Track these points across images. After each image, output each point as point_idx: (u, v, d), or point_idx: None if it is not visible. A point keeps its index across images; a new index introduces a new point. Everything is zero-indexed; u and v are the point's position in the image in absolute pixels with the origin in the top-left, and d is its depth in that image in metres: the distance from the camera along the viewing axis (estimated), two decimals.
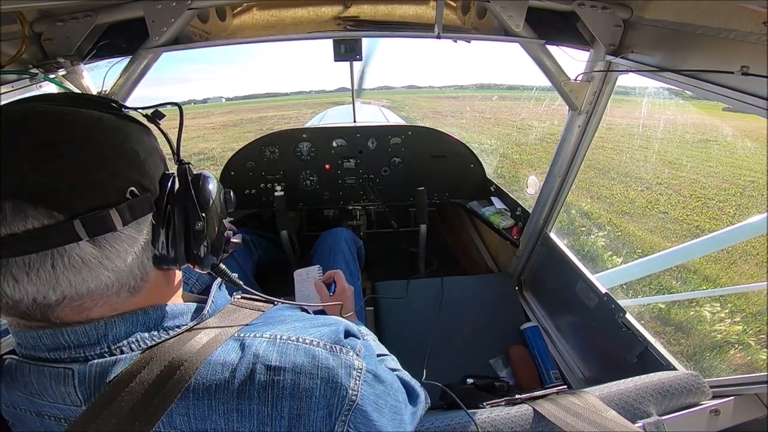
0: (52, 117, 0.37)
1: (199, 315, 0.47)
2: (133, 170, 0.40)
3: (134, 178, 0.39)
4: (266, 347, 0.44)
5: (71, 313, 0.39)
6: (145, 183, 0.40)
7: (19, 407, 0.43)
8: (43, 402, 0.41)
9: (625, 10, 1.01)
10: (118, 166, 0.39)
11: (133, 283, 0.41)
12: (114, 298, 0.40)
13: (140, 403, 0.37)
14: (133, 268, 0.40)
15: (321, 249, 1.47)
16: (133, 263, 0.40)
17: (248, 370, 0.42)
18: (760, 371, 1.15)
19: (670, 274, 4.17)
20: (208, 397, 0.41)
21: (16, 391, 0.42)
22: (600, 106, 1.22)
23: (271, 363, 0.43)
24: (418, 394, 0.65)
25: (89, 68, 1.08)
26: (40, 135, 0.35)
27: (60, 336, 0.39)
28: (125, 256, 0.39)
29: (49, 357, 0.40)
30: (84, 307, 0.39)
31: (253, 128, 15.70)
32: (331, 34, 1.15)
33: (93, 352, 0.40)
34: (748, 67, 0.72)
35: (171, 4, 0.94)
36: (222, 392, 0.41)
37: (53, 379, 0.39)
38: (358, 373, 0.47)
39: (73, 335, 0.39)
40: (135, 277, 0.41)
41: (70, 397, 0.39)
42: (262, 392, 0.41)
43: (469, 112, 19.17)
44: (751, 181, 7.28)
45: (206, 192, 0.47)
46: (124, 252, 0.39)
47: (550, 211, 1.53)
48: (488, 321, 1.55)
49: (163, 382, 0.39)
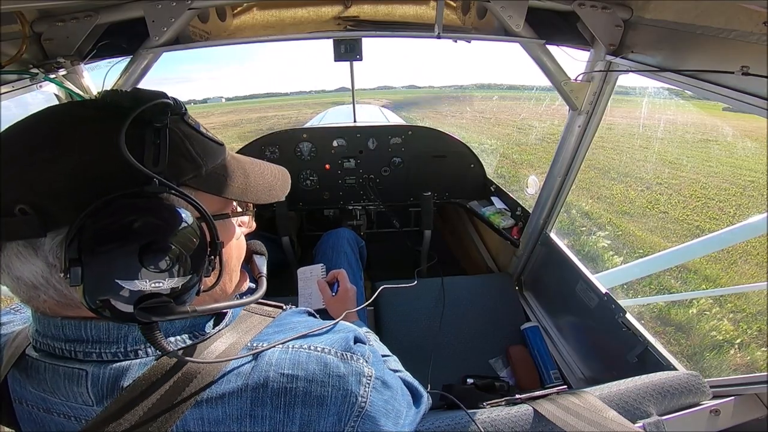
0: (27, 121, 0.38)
1: (218, 323, 0.48)
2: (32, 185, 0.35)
3: (29, 197, 0.34)
4: (279, 355, 0.45)
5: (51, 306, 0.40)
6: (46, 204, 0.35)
7: (27, 403, 0.43)
8: (55, 400, 0.41)
9: (625, 10, 1.01)
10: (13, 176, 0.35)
11: (55, 296, 0.38)
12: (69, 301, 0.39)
13: (154, 410, 0.38)
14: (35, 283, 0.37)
15: (323, 249, 1.47)
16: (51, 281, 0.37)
17: (262, 377, 0.43)
18: (760, 371, 1.15)
19: (670, 274, 4.17)
20: (222, 404, 0.41)
21: (28, 388, 0.42)
22: (600, 106, 1.22)
23: (284, 371, 0.43)
24: (421, 394, 0.65)
25: (89, 68, 1.08)
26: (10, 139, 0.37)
27: (83, 328, 0.40)
28: (33, 268, 0.36)
29: (64, 348, 0.40)
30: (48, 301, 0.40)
31: (253, 128, 15.71)
32: (331, 34, 1.15)
33: (108, 350, 0.40)
34: (748, 67, 0.72)
35: (171, 4, 0.94)
36: (236, 398, 0.42)
37: (67, 379, 0.40)
38: (368, 381, 0.47)
39: (95, 330, 0.40)
40: (45, 292, 0.38)
41: (82, 397, 0.40)
42: (275, 399, 0.42)
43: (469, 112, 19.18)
44: (751, 181, 7.28)
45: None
46: (32, 264, 0.36)
47: (550, 211, 1.53)
48: (488, 321, 1.55)
49: (178, 390, 0.39)
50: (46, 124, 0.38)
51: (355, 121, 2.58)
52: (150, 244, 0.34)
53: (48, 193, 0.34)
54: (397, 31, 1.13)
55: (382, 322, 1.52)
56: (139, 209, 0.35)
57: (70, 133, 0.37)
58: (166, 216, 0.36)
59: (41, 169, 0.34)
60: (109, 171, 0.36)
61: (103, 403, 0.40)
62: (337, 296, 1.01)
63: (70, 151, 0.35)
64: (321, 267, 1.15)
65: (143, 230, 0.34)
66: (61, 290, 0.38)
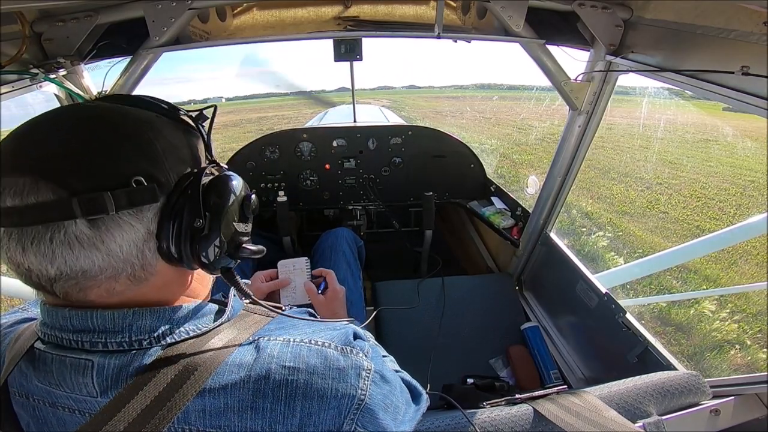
0: (80, 105, 0.41)
1: (219, 318, 0.48)
2: (144, 160, 0.40)
3: (143, 168, 0.40)
4: (281, 348, 0.46)
5: (71, 291, 0.40)
6: (156, 174, 0.41)
7: (32, 397, 0.44)
8: (60, 392, 0.42)
9: (625, 10, 1.01)
10: (128, 154, 0.40)
11: (131, 271, 0.41)
12: (112, 283, 0.40)
13: (156, 402, 0.39)
14: (129, 256, 0.40)
15: (322, 249, 1.47)
16: (130, 251, 0.40)
17: (264, 369, 0.43)
18: (760, 371, 1.15)
19: (670, 274, 4.17)
20: (224, 396, 0.42)
21: (34, 381, 0.43)
22: (600, 106, 1.22)
23: (286, 363, 0.44)
24: (420, 392, 0.66)
25: (89, 68, 1.08)
26: (63, 120, 0.40)
27: (89, 318, 0.40)
28: (120, 241, 0.39)
29: (72, 339, 0.41)
30: (81, 287, 0.40)
31: (253, 128, 15.68)
32: (331, 34, 1.15)
33: (114, 339, 0.41)
34: (749, 67, 0.72)
35: (171, 4, 0.94)
36: (238, 390, 0.42)
37: (73, 369, 0.41)
38: (367, 374, 0.48)
39: (101, 320, 0.41)
40: (133, 266, 0.41)
41: (87, 388, 0.40)
42: (276, 391, 0.43)
43: (469, 112, 19.17)
44: (752, 181, 7.28)
45: (223, 193, 0.45)
46: (119, 237, 0.39)
47: (550, 211, 1.53)
48: (488, 321, 1.55)
49: (180, 382, 0.40)
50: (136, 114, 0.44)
51: (355, 121, 2.59)
52: (244, 198, 0.49)
53: (157, 165, 0.41)
54: (397, 31, 1.13)
55: (382, 322, 1.52)
56: (224, 178, 0.46)
57: (158, 120, 0.45)
58: (235, 182, 0.47)
59: (146, 147, 0.41)
60: (184, 153, 0.45)
61: (108, 395, 0.40)
62: (325, 297, 0.99)
63: (161, 137, 0.43)
64: (305, 260, 1.09)
65: (235, 190, 0.47)
66: (145, 260, 0.42)
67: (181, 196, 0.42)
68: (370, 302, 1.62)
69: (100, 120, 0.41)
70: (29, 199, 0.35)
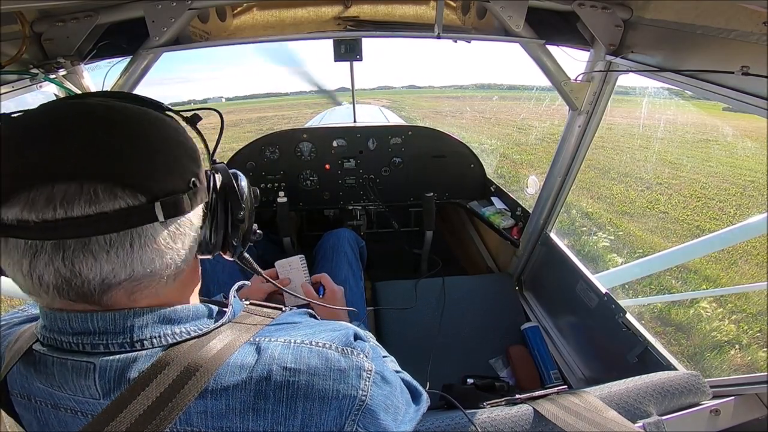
0: (131, 113, 0.41)
1: (220, 318, 0.48)
2: (192, 163, 0.43)
3: (194, 170, 0.43)
4: (282, 350, 0.46)
5: (123, 297, 0.41)
6: (200, 175, 0.44)
7: (35, 399, 0.44)
8: (62, 394, 0.42)
9: (625, 10, 1.01)
10: (184, 159, 0.42)
11: (183, 267, 0.44)
12: (161, 283, 0.42)
13: (157, 403, 0.39)
14: (188, 253, 0.43)
15: (324, 249, 1.47)
16: (189, 248, 0.43)
17: (265, 371, 0.43)
18: (760, 371, 1.15)
19: (670, 274, 4.17)
20: (226, 397, 0.42)
21: (36, 383, 0.43)
22: (600, 106, 1.22)
23: (287, 365, 0.44)
24: (420, 393, 0.66)
25: (89, 68, 1.08)
26: (125, 129, 0.39)
27: (89, 320, 0.40)
28: (185, 239, 0.42)
29: (72, 342, 0.41)
30: (136, 289, 0.41)
31: (253, 128, 15.69)
32: (331, 34, 1.15)
33: (114, 341, 0.41)
34: (749, 67, 0.72)
35: (171, 4, 0.94)
36: (239, 392, 0.42)
37: (75, 372, 0.41)
38: (368, 375, 0.48)
39: (101, 321, 0.40)
40: (186, 262, 0.44)
41: (89, 391, 0.41)
42: (278, 392, 0.43)
43: (469, 112, 19.17)
44: (751, 181, 7.28)
45: (242, 187, 0.51)
46: (186, 236, 0.42)
47: (550, 211, 1.53)
48: (488, 321, 1.55)
49: (181, 383, 0.40)
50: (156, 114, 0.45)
51: (355, 121, 2.59)
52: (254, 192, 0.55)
53: (198, 165, 0.44)
54: (397, 31, 1.13)
55: (382, 322, 1.52)
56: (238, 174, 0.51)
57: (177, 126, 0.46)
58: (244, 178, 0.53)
59: (189, 148, 0.44)
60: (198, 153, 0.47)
61: (110, 397, 0.40)
62: (325, 298, 1.00)
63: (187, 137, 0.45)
64: (300, 258, 1.09)
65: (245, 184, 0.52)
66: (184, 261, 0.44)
67: (221, 192, 0.48)
68: (370, 302, 1.62)
69: (143, 122, 0.41)
70: (106, 206, 0.35)
